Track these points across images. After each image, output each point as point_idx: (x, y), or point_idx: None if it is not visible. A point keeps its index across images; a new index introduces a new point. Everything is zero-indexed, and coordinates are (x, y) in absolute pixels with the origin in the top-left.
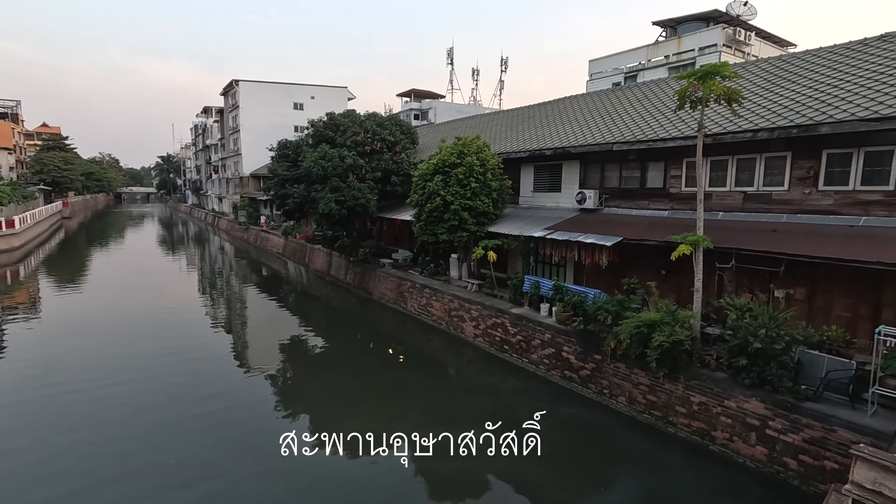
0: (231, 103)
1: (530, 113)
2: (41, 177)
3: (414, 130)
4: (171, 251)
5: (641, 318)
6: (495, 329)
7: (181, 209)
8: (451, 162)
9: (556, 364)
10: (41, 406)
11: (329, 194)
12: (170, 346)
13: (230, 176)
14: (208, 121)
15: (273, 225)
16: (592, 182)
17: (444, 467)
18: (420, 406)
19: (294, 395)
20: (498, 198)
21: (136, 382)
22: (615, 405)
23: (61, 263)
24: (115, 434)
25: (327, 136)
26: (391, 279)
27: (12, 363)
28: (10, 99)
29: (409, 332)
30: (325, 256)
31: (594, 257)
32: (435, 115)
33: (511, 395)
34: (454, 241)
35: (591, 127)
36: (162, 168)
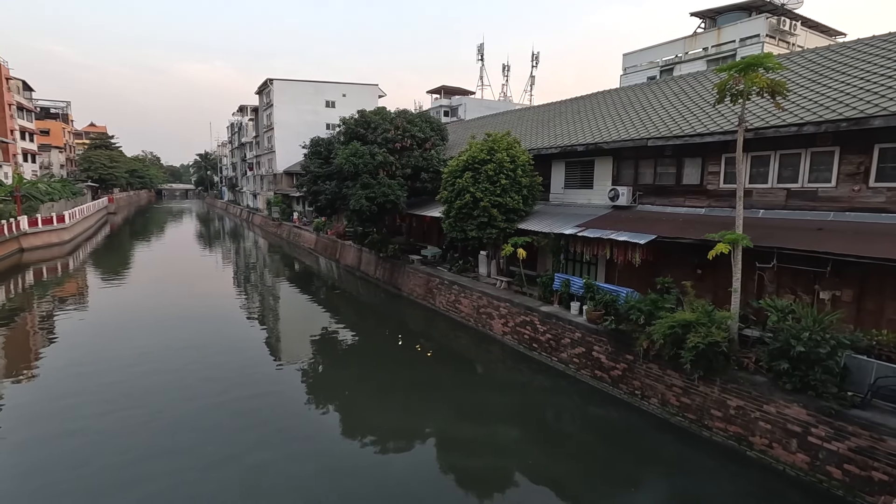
0: (265, 102)
1: (562, 108)
2: (89, 174)
3: (444, 127)
4: (209, 246)
5: (676, 318)
6: (524, 327)
7: (217, 205)
8: (481, 158)
9: (586, 363)
10: (95, 390)
11: (360, 191)
12: (206, 337)
13: (264, 173)
14: (244, 119)
15: (305, 221)
16: (626, 178)
17: (472, 462)
18: (448, 401)
19: (325, 386)
20: (528, 194)
21: (175, 372)
22: (647, 406)
23: (107, 257)
24: (159, 415)
25: (358, 133)
26: (420, 275)
27: (65, 352)
28: (60, 100)
29: (437, 329)
30: (355, 252)
31: (627, 255)
32: (465, 111)
33: (540, 393)
34: (483, 238)
35: (625, 122)
36: (200, 165)
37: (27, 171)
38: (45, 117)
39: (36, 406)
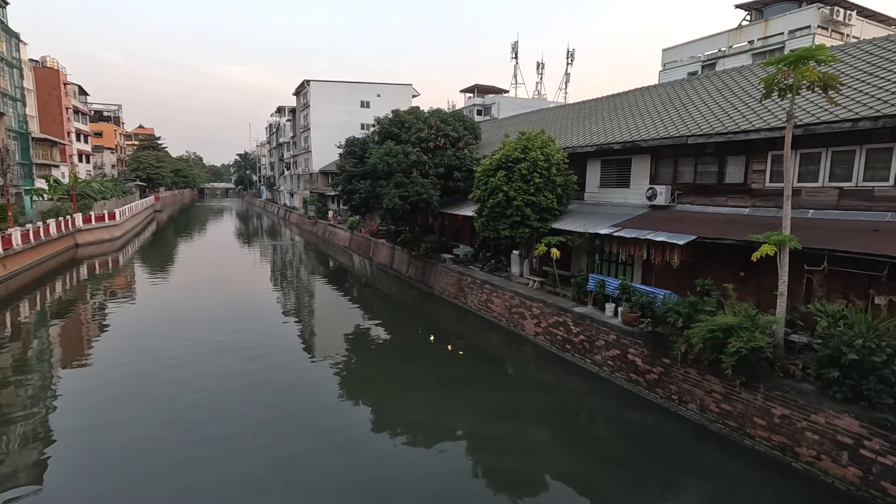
0: (302, 102)
1: (598, 106)
2: (137, 173)
3: (477, 126)
4: (247, 243)
5: (716, 321)
6: (557, 328)
7: (256, 203)
8: (515, 157)
9: (620, 366)
10: (141, 379)
11: (393, 190)
12: (244, 331)
13: (301, 172)
14: (281, 120)
15: (340, 219)
16: (664, 177)
17: (503, 461)
18: (479, 400)
19: (357, 382)
20: (562, 193)
21: (214, 363)
22: (684, 412)
23: (153, 253)
24: (197, 404)
25: (392, 132)
26: (452, 274)
27: (115, 343)
28: (112, 103)
29: (468, 328)
30: (388, 250)
31: (665, 256)
32: (498, 110)
33: (572, 395)
34: (516, 238)
35: (664, 119)
36: (240, 165)
37: (82, 171)
38: (99, 120)
39: (88, 393)
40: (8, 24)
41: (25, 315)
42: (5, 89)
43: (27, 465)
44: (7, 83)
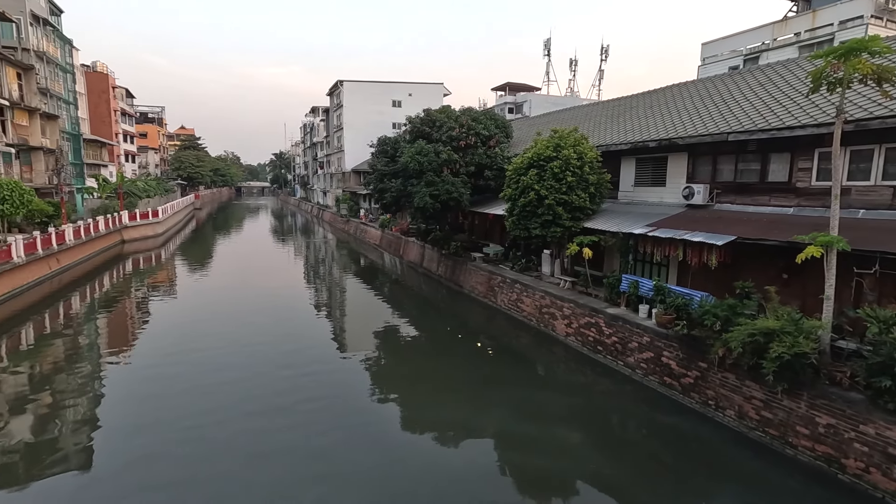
0: (336, 103)
1: (633, 103)
2: (179, 172)
3: (508, 124)
4: (282, 240)
5: (757, 325)
6: (588, 329)
7: (290, 202)
8: (547, 155)
9: (654, 369)
10: (181, 369)
11: (424, 188)
12: (278, 326)
13: (333, 171)
14: (315, 120)
15: (371, 218)
16: (702, 176)
17: (532, 461)
18: (507, 399)
19: (386, 378)
20: (595, 192)
21: (248, 356)
22: (722, 418)
23: (193, 249)
24: (232, 396)
25: (423, 131)
26: (482, 273)
27: (157, 334)
28: (157, 106)
29: (498, 327)
30: (418, 249)
31: (702, 257)
32: (530, 108)
33: (603, 397)
34: (547, 237)
35: (703, 116)
36: (275, 164)
37: (128, 170)
38: (144, 121)
39: (133, 382)
40: (62, 32)
41: (76, 307)
42: (59, 93)
43: (77, 449)
44: (61, 87)
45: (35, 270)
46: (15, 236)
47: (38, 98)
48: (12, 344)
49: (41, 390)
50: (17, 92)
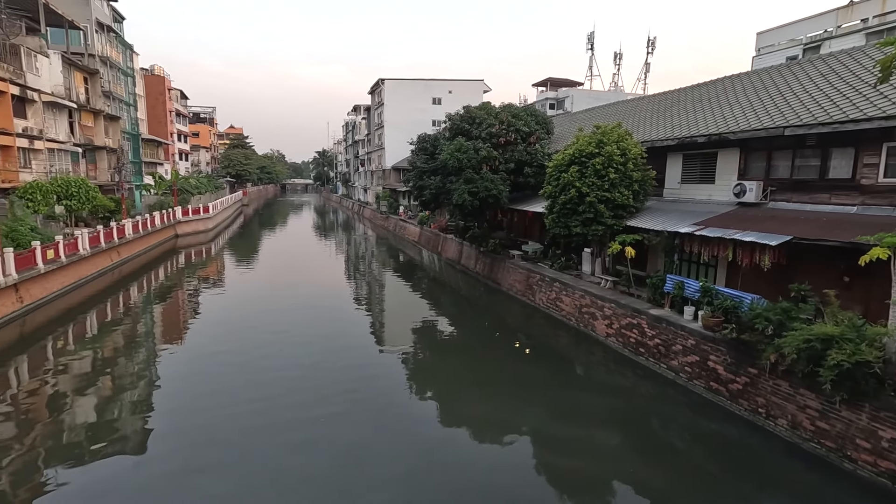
0: (377, 101)
1: (680, 97)
2: (228, 170)
3: (549, 120)
4: (324, 236)
5: (814, 330)
6: (630, 330)
7: (332, 199)
8: (589, 152)
9: (699, 373)
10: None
11: (463, 185)
12: (320, 318)
13: (374, 169)
14: (357, 118)
15: (410, 215)
16: (755, 172)
17: (568, 462)
18: (545, 399)
19: (423, 373)
20: (639, 190)
21: (292, 348)
22: (772, 427)
23: (240, 244)
24: (276, 386)
25: (463, 128)
26: (520, 271)
27: (207, 324)
28: (208, 106)
29: (536, 326)
30: (456, 246)
31: (753, 258)
32: (572, 103)
33: (644, 400)
34: (588, 235)
35: (757, 109)
36: (318, 162)
37: (181, 168)
38: (196, 121)
39: (185, 371)
40: (124, 38)
41: (134, 297)
42: (121, 96)
43: (132, 431)
44: (122, 90)
45: (98, 262)
46: (81, 230)
47: (102, 100)
48: (78, 331)
49: (102, 375)
50: (84, 95)
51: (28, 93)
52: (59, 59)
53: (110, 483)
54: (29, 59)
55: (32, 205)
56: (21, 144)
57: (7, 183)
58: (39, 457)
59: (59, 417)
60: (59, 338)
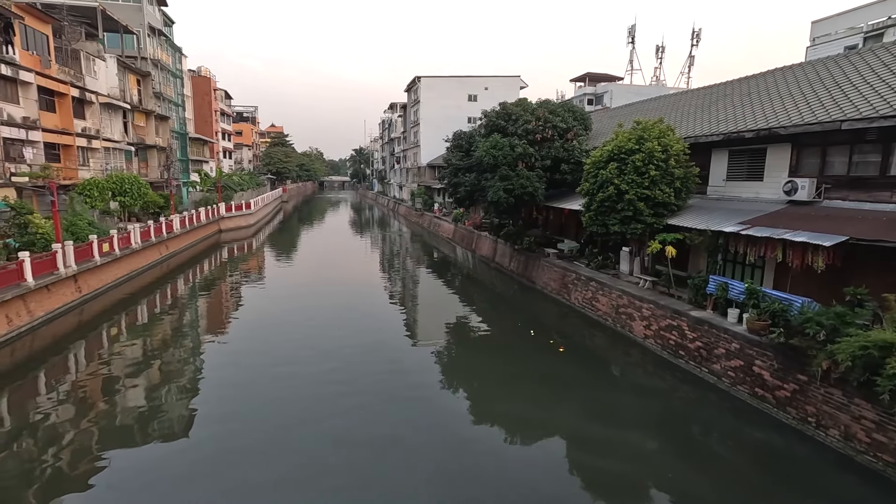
0: (413, 99)
1: (727, 90)
2: (269, 168)
3: (587, 116)
4: (360, 232)
5: (871, 337)
6: (669, 331)
7: (368, 196)
8: (629, 148)
9: (743, 378)
10: (275, 349)
11: (498, 182)
12: (356, 312)
13: (409, 166)
14: (393, 116)
15: (445, 212)
16: (807, 169)
17: (603, 464)
18: (579, 399)
19: (456, 369)
20: (681, 187)
21: (331, 340)
22: (823, 438)
23: (280, 239)
24: (321, 375)
25: (499, 125)
26: (555, 269)
27: (249, 316)
28: (251, 105)
29: (571, 325)
30: (490, 243)
31: (805, 259)
32: (611, 98)
33: (684, 403)
34: (626, 234)
35: (811, 102)
36: (355, 159)
37: (225, 165)
38: (239, 120)
39: (227, 360)
40: (173, 41)
41: (181, 289)
42: (170, 96)
43: (178, 419)
44: (172, 91)
45: (148, 255)
46: (133, 225)
47: (153, 101)
48: (130, 320)
49: (151, 362)
50: (137, 96)
51: (87, 95)
52: (115, 63)
53: (157, 465)
54: (88, 63)
55: (90, 200)
56: (80, 144)
57: (68, 180)
58: (95, 437)
59: (113, 400)
60: (113, 326)
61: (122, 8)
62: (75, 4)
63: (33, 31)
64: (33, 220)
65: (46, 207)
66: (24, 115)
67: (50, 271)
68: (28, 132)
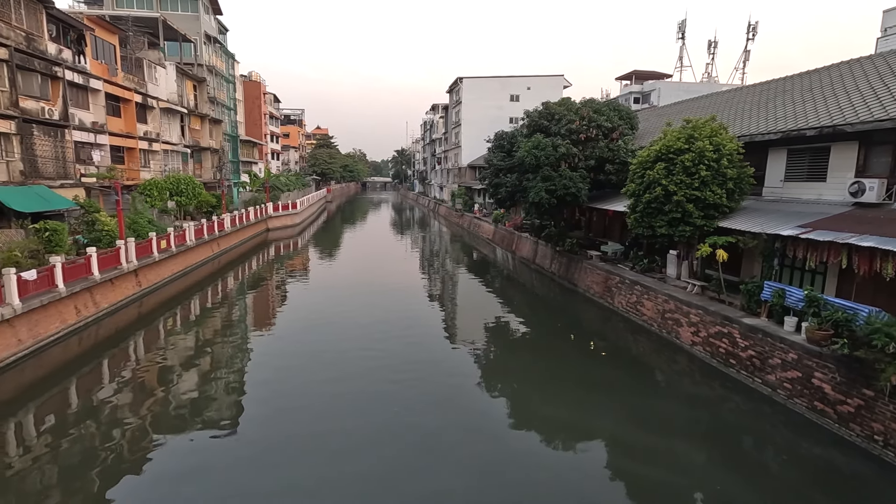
0: (455, 99)
1: (786, 86)
2: (314, 169)
3: (633, 115)
4: (400, 233)
5: None
6: (719, 339)
7: (409, 196)
8: (677, 147)
9: (801, 391)
10: (319, 344)
11: (540, 183)
12: (395, 311)
13: (450, 167)
14: (435, 117)
15: (485, 212)
16: (877, 168)
17: (646, 473)
18: (621, 405)
19: (495, 371)
20: (734, 188)
21: (372, 337)
22: (891, 458)
23: (324, 238)
24: (362, 371)
25: (541, 125)
26: (598, 272)
27: (295, 312)
28: (298, 108)
29: (613, 329)
30: (531, 244)
31: (873, 265)
32: (658, 97)
33: (734, 415)
34: (674, 236)
35: (882, 97)
36: (397, 160)
37: (273, 167)
38: (286, 123)
39: (274, 354)
40: (227, 48)
41: (231, 285)
42: (223, 101)
43: (227, 408)
44: (224, 96)
45: (201, 252)
46: (188, 223)
47: (208, 106)
48: (184, 313)
49: (202, 353)
50: (193, 101)
51: (149, 100)
52: (174, 70)
53: (207, 452)
54: (150, 70)
55: (150, 200)
56: (142, 146)
57: (130, 180)
58: (150, 422)
59: (168, 388)
60: (169, 318)
61: (181, 18)
62: (139, 15)
63: (102, 42)
64: (100, 217)
65: (111, 206)
66: (93, 120)
67: (113, 266)
68: (96, 136)
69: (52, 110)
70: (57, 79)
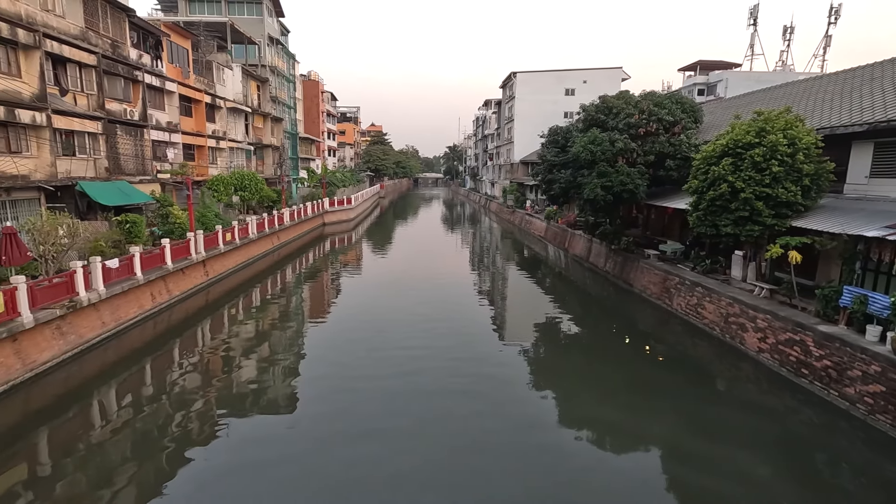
0: (508, 95)
1: (874, 73)
2: (368, 165)
3: (697, 108)
4: (451, 228)
5: None
6: (790, 346)
7: (460, 192)
8: (747, 142)
9: (885, 407)
10: (371, 337)
11: (595, 179)
12: (446, 307)
13: (502, 163)
14: (487, 112)
15: (537, 209)
16: None
17: (705, 484)
18: (678, 411)
19: (546, 371)
20: (811, 185)
21: (422, 333)
22: None
23: (377, 232)
24: (413, 366)
25: (598, 119)
26: (655, 272)
27: (349, 304)
28: (353, 106)
29: (671, 332)
30: (584, 242)
31: None
32: (725, 88)
33: (806, 428)
34: (741, 236)
35: None
36: (448, 156)
37: (329, 163)
38: (343, 120)
39: (329, 344)
40: (288, 48)
41: (289, 276)
42: (284, 100)
43: (284, 395)
44: (285, 95)
45: (263, 245)
46: (251, 217)
47: (270, 105)
48: (246, 303)
49: (263, 341)
50: (256, 101)
51: (217, 101)
52: (240, 71)
53: (266, 436)
54: (218, 72)
55: (217, 195)
56: (210, 144)
57: (200, 176)
58: (215, 404)
59: (231, 373)
60: (233, 307)
61: (246, 21)
62: (209, 21)
63: (176, 47)
64: (173, 211)
65: (182, 201)
66: (168, 120)
67: (184, 257)
68: (171, 135)
69: (133, 111)
70: (137, 82)
